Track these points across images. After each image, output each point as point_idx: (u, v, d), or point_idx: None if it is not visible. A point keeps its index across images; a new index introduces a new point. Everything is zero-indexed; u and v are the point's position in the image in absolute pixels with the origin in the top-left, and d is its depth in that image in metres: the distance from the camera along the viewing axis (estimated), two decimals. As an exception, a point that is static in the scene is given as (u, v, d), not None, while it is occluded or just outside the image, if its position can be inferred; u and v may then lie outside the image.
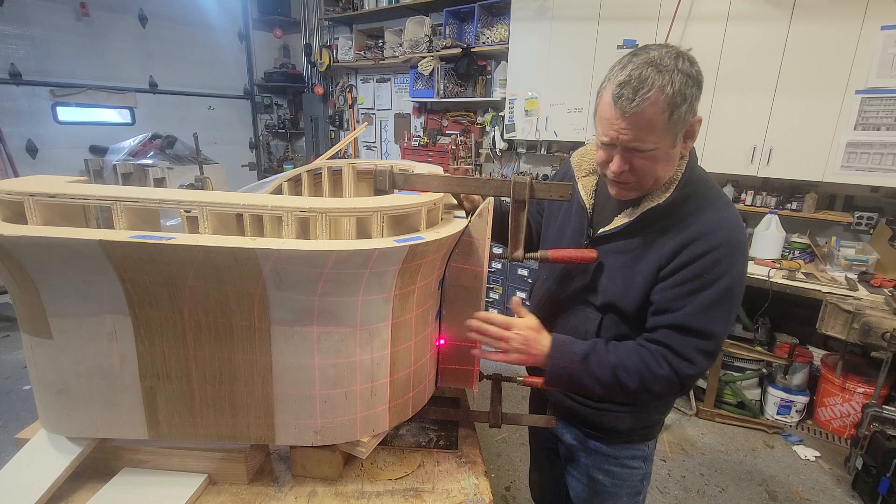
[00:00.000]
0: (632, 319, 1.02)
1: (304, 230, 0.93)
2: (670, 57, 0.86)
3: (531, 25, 3.75)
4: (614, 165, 0.93)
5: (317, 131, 5.88)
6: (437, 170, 1.26)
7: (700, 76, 0.90)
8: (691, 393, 3.05)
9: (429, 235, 0.88)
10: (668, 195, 0.95)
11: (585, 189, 1.12)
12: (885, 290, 2.61)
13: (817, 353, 3.05)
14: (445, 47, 4.35)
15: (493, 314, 1.01)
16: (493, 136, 4.40)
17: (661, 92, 0.84)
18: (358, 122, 5.81)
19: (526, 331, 0.99)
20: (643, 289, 0.99)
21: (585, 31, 3.47)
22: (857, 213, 2.98)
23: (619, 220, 1.03)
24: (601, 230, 1.05)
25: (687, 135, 0.93)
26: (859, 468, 2.34)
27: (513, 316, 1.04)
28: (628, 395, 0.97)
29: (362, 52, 5.26)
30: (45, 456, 0.91)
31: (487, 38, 4.20)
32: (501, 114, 4.23)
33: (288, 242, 0.78)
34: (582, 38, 3.49)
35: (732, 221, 0.95)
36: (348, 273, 0.81)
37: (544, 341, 0.99)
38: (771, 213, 3.08)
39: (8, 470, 0.88)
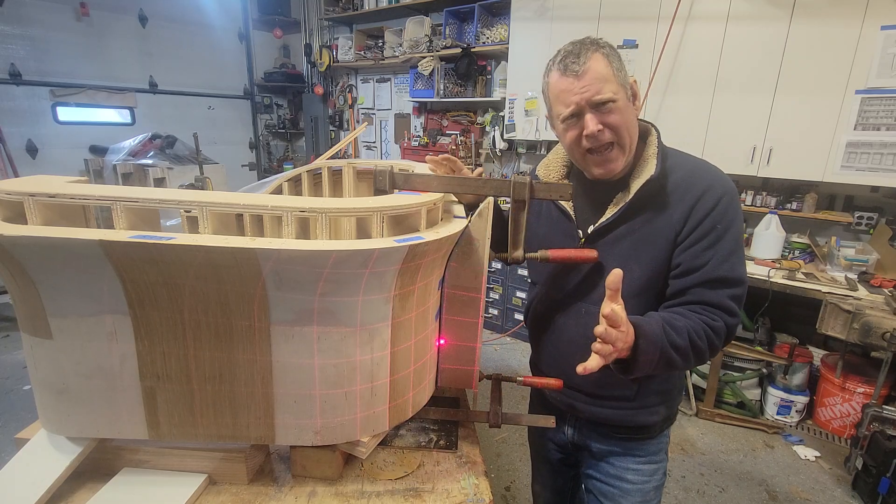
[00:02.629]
0: (645, 300, 1.03)
1: (304, 230, 0.93)
2: (588, 39, 0.99)
3: (531, 25, 3.75)
4: (590, 126, 0.96)
5: (317, 131, 5.89)
6: (437, 170, 1.25)
7: (616, 50, 1.00)
8: (691, 393, 3.05)
9: (429, 235, 0.88)
10: (655, 167, 0.99)
11: None
12: (885, 290, 2.61)
13: (817, 353, 3.05)
14: (445, 47, 4.35)
15: (621, 315, 0.82)
16: (493, 136, 4.40)
17: (597, 52, 0.95)
18: (358, 122, 5.81)
19: (626, 325, 0.85)
20: (659, 263, 1.00)
21: (585, 31, 3.46)
22: (857, 213, 2.98)
23: (615, 207, 1.04)
24: (597, 224, 1.05)
25: (633, 95, 1.01)
26: (859, 468, 2.34)
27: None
28: (699, 356, 0.95)
29: (362, 52, 5.26)
30: (45, 456, 0.91)
31: (487, 38, 4.19)
32: (501, 114, 4.23)
33: (288, 242, 0.77)
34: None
35: (723, 174, 1.03)
36: (348, 273, 0.81)
37: (630, 336, 0.88)
38: (771, 213, 3.08)
39: (8, 470, 0.88)
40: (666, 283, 1.02)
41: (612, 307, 0.81)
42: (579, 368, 0.86)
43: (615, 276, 0.82)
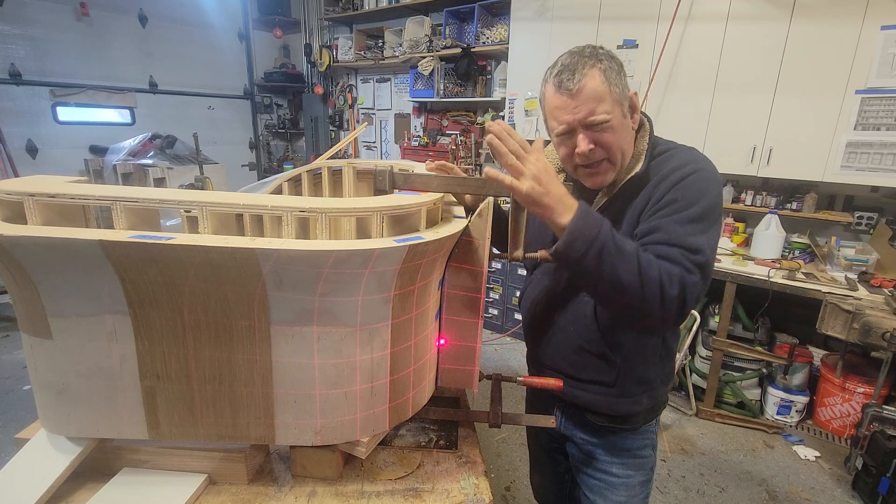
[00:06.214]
0: None
1: (304, 230, 0.93)
2: (589, 48, 0.97)
3: (531, 25, 3.75)
4: (582, 146, 0.95)
5: (317, 131, 5.88)
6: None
7: (619, 59, 0.98)
8: (691, 393, 3.05)
9: (428, 235, 0.88)
10: (640, 165, 1.00)
11: None
12: (885, 290, 2.61)
13: (817, 353, 3.05)
14: (445, 47, 4.35)
15: (515, 132, 0.86)
16: (494, 136, 4.39)
17: (594, 67, 0.93)
18: (358, 122, 5.81)
19: (545, 161, 0.86)
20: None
21: (585, 31, 3.47)
22: (857, 213, 2.98)
23: (599, 202, 1.07)
24: None
25: (631, 108, 1.00)
26: (859, 468, 2.34)
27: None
28: (645, 285, 0.83)
29: (362, 52, 5.26)
30: (45, 456, 0.91)
31: (487, 38, 4.19)
32: (501, 114, 4.23)
33: (288, 242, 0.78)
34: (582, 38, 3.45)
35: (702, 157, 1.01)
36: (348, 273, 0.81)
37: (561, 188, 0.86)
38: (771, 213, 3.08)
39: (8, 470, 0.88)
40: None
41: (507, 126, 0.86)
42: (490, 169, 0.90)
43: (539, 141, 0.89)
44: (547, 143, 1.06)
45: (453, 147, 4.45)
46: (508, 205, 1.08)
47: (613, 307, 0.95)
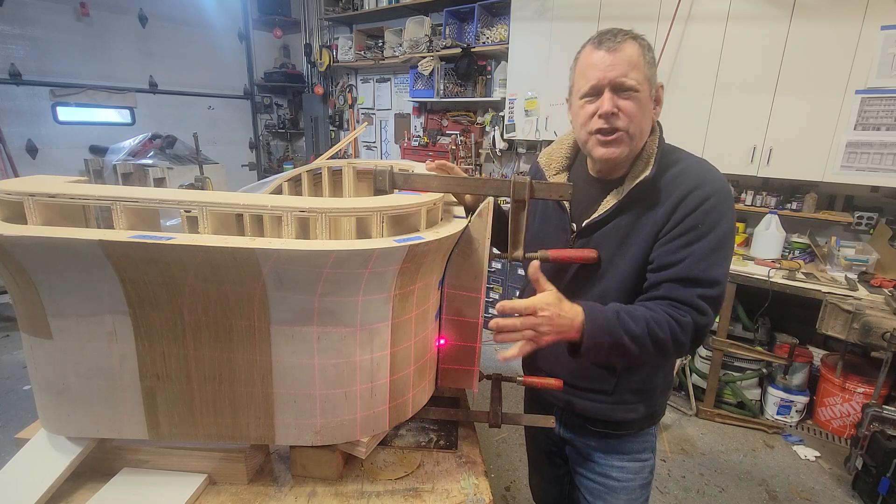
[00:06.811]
0: (630, 296, 1.03)
1: (303, 230, 0.93)
2: (628, 30, 0.99)
3: (531, 25, 3.75)
4: (606, 105, 0.96)
5: (317, 131, 5.88)
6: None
7: (654, 52, 1.01)
8: (691, 393, 3.05)
9: (429, 235, 0.88)
10: (650, 168, 0.99)
11: None
12: (885, 290, 2.61)
13: (817, 353, 3.05)
14: (445, 47, 4.35)
15: (514, 302, 0.90)
16: (493, 136, 4.40)
17: (634, 40, 0.97)
18: (358, 122, 5.81)
19: (550, 309, 0.89)
20: (640, 258, 1.01)
21: (585, 31, 3.45)
22: (857, 213, 2.98)
23: (607, 204, 1.04)
24: (590, 219, 1.06)
25: (655, 99, 1.01)
26: (859, 468, 2.34)
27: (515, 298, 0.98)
28: (661, 348, 0.93)
29: (362, 52, 5.26)
30: (45, 456, 0.91)
31: (487, 38, 4.20)
32: (501, 114, 4.23)
33: (288, 242, 0.78)
34: (582, 38, 3.42)
35: (716, 173, 1.01)
36: (348, 273, 0.81)
37: (570, 311, 0.91)
38: (771, 213, 3.08)
39: (8, 470, 0.88)
40: (644, 269, 1.02)
41: (505, 303, 0.90)
42: (499, 356, 0.92)
43: (533, 267, 0.93)
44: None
45: (453, 147, 4.45)
46: (508, 205, 1.08)
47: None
